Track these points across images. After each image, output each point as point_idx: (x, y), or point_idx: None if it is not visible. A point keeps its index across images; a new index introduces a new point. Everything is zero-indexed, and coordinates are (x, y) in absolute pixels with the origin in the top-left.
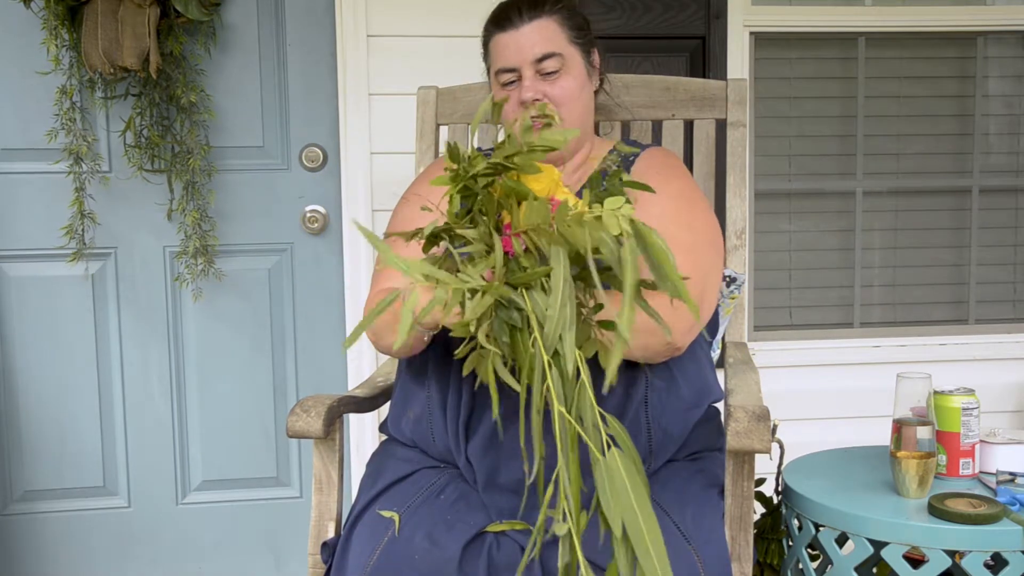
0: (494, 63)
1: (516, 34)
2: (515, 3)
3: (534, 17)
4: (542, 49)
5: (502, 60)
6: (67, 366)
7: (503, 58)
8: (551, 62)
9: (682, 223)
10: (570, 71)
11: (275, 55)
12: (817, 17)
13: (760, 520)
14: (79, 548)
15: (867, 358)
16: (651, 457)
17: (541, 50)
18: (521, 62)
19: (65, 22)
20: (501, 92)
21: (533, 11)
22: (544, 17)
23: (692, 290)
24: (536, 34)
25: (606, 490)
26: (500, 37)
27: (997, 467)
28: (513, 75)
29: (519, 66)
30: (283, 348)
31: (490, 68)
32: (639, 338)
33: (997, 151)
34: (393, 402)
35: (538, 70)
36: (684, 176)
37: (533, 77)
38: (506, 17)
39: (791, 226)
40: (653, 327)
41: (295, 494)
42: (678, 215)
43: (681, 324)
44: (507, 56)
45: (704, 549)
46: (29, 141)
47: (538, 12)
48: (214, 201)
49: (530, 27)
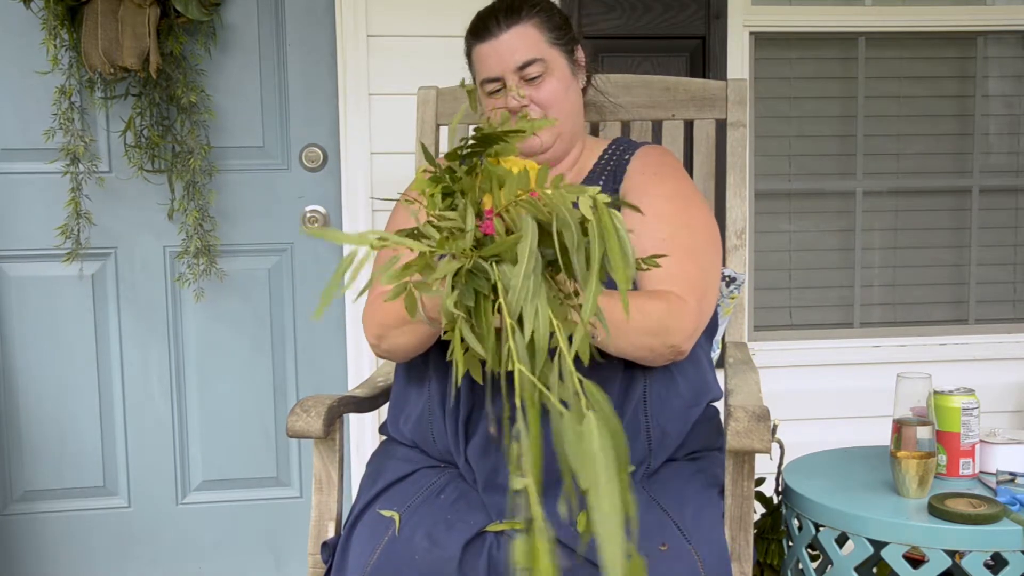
0: (478, 73)
1: (496, 43)
2: (492, 12)
3: (512, 24)
4: (523, 56)
5: (485, 70)
6: (67, 366)
7: (486, 68)
8: (533, 68)
9: (680, 223)
10: (553, 73)
11: (275, 55)
12: (817, 17)
13: (760, 520)
14: (79, 548)
15: (867, 358)
16: (650, 456)
17: (522, 57)
18: (503, 71)
19: (65, 22)
20: (489, 101)
21: (510, 18)
22: (522, 23)
23: (693, 290)
24: (516, 41)
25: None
26: (481, 47)
27: (997, 467)
28: (497, 84)
29: (502, 75)
30: (283, 348)
31: (473, 75)
32: (638, 338)
33: (997, 151)
34: (392, 403)
35: (521, 76)
36: (680, 175)
37: (517, 84)
38: (484, 27)
39: (791, 226)
40: (653, 328)
41: (295, 494)
42: (676, 215)
43: (684, 327)
44: (489, 66)
45: (704, 549)
46: (29, 141)
47: (515, 19)
48: (215, 201)
49: (509, 35)
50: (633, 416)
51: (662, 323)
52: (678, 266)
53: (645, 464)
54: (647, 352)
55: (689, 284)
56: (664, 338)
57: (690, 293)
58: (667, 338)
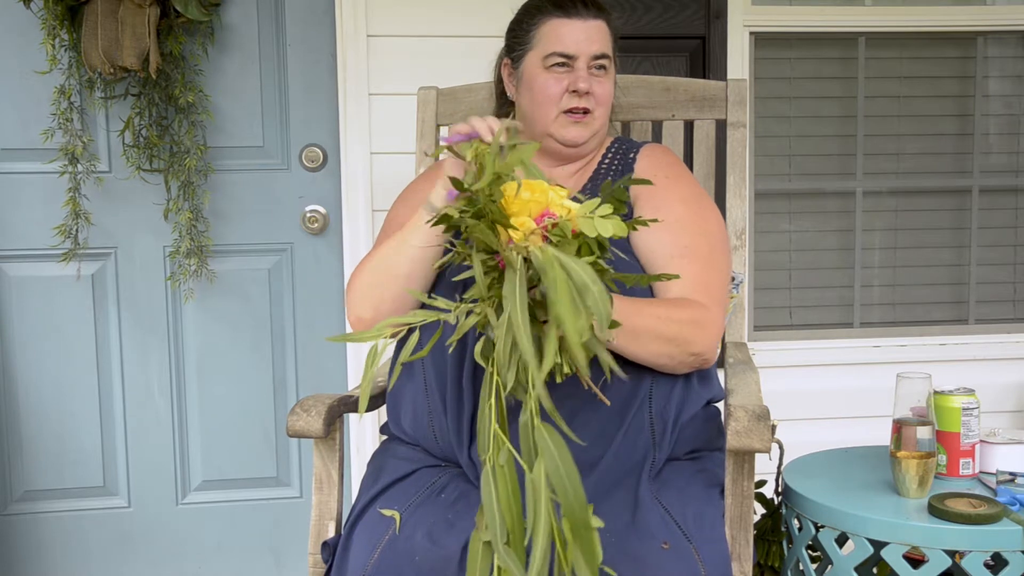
0: (547, 45)
1: (583, 25)
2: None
3: (597, 15)
4: (600, 47)
5: (562, 45)
6: (67, 366)
7: (563, 43)
8: (604, 62)
9: (698, 230)
10: (611, 74)
11: (275, 55)
12: (817, 17)
13: (760, 522)
14: (79, 548)
15: (867, 358)
16: (654, 451)
17: (600, 48)
18: (582, 52)
19: (64, 22)
20: (544, 75)
21: (596, 9)
22: (603, 18)
23: (715, 298)
24: (598, 32)
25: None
26: (564, 22)
27: (997, 467)
28: (567, 61)
29: (578, 55)
30: (283, 348)
31: (531, 49)
32: (659, 346)
33: (997, 151)
34: (389, 401)
35: (591, 65)
36: (689, 176)
37: (587, 70)
38: (572, 4)
39: (791, 226)
40: (673, 336)
41: (295, 494)
42: (693, 220)
43: (708, 336)
44: (568, 42)
45: (705, 548)
46: (29, 141)
47: (600, 12)
48: (208, 201)
49: (595, 23)
50: (638, 412)
51: (684, 332)
52: (699, 273)
53: (650, 459)
54: (667, 360)
55: (710, 292)
56: (686, 347)
57: (713, 301)
58: (689, 347)
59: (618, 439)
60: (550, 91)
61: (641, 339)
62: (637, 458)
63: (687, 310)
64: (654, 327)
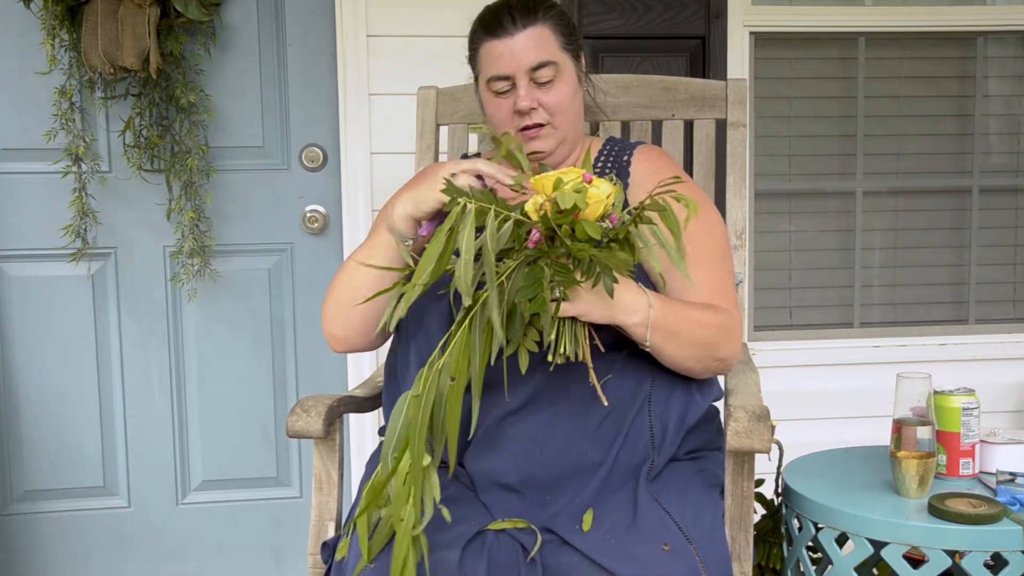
0: (485, 70)
1: (510, 42)
2: (506, 7)
3: (528, 24)
4: (536, 58)
5: (495, 68)
6: (67, 366)
7: (496, 66)
8: (546, 71)
9: (703, 231)
10: (563, 78)
11: (275, 55)
12: (817, 17)
13: (760, 522)
14: (79, 548)
15: (867, 358)
16: (654, 452)
17: (536, 59)
18: (516, 70)
19: (64, 22)
20: (494, 100)
21: (526, 18)
22: (538, 24)
23: (733, 302)
24: (530, 42)
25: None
26: (493, 44)
27: (997, 467)
28: (507, 83)
29: (513, 74)
30: (283, 348)
31: (479, 74)
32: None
33: (997, 151)
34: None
35: (532, 78)
36: (686, 177)
37: (528, 86)
38: (499, 23)
39: (791, 226)
40: (706, 340)
41: (295, 494)
42: (699, 224)
43: (734, 341)
44: (500, 64)
45: (705, 549)
46: (29, 141)
47: (532, 19)
48: (211, 201)
49: (524, 35)
50: (639, 413)
51: (715, 337)
52: (714, 278)
53: (648, 462)
54: (694, 363)
55: (729, 296)
56: (714, 351)
57: (733, 305)
58: (716, 351)
59: (618, 443)
60: (500, 116)
61: (678, 340)
62: (637, 461)
63: (718, 315)
64: (689, 330)
